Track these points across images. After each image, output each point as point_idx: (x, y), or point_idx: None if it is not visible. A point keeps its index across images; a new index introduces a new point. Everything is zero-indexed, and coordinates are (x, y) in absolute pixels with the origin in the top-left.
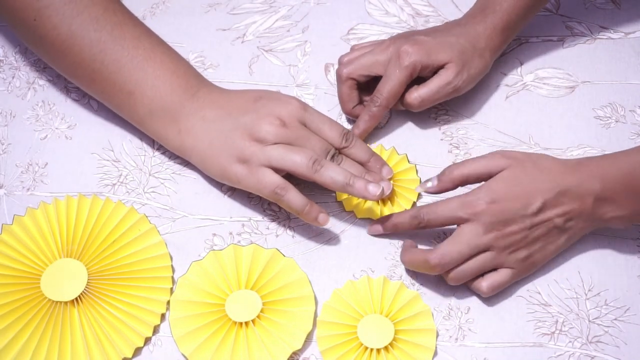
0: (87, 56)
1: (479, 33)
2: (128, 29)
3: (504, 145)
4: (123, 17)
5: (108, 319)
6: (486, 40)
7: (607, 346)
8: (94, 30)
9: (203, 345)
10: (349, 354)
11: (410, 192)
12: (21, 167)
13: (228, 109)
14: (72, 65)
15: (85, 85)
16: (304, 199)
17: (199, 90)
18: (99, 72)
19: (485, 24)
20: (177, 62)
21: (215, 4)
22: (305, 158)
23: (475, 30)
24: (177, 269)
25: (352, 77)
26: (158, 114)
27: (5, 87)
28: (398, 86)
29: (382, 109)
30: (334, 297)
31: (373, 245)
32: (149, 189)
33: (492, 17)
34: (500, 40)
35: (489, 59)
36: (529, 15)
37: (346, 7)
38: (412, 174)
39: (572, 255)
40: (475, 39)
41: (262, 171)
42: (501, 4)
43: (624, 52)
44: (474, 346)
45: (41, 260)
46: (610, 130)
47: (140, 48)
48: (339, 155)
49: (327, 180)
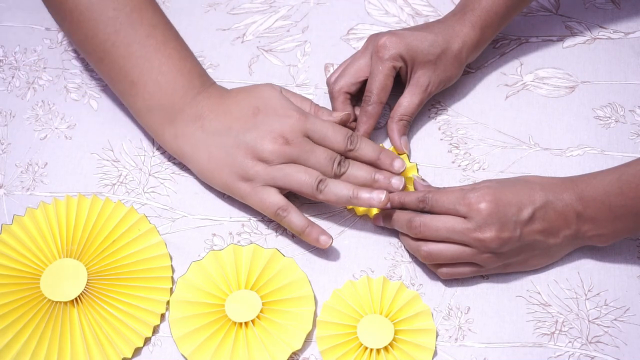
0: (100, 32)
1: (456, 31)
2: (146, 15)
3: (504, 145)
4: (144, 2)
5: (108, 319)
6: (463, 38)
7: (606, 346)
8: (112, 9)
9: (203, 345)
10: (348, 354)
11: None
12: (21, 167)
13: (227, 122)
14: (85, 39)
15: (93, 62)
16: (304, 221)
17: (199, 93)
18: (109, 53)
19: (463, 22)
20: (185, 59)
21: (215, 4)
22: (310, 178)
23: (453, 29)
24: (177, 269)
25: (344, 91)
26: (156, 111)
27: (5, 87)
28: (384, 79)
29: (377, 106)
30: (333, 297)
31: (373, 245)
32: (149, 189)
33: (470, 14)
34: (478, 38)
35: (464, 58)
36: (510, 14)
37: (346, 7)
38: (413, 172)
39: (572, 256)
40: (453, 37)
41: (266, 191)
42: (480, 2)
43: (624, 52)
44: (474, 346)
45: (41, 260)
46: (610, 130)
47: (153, 37)
48: (345, 161)
49: (332, 198)
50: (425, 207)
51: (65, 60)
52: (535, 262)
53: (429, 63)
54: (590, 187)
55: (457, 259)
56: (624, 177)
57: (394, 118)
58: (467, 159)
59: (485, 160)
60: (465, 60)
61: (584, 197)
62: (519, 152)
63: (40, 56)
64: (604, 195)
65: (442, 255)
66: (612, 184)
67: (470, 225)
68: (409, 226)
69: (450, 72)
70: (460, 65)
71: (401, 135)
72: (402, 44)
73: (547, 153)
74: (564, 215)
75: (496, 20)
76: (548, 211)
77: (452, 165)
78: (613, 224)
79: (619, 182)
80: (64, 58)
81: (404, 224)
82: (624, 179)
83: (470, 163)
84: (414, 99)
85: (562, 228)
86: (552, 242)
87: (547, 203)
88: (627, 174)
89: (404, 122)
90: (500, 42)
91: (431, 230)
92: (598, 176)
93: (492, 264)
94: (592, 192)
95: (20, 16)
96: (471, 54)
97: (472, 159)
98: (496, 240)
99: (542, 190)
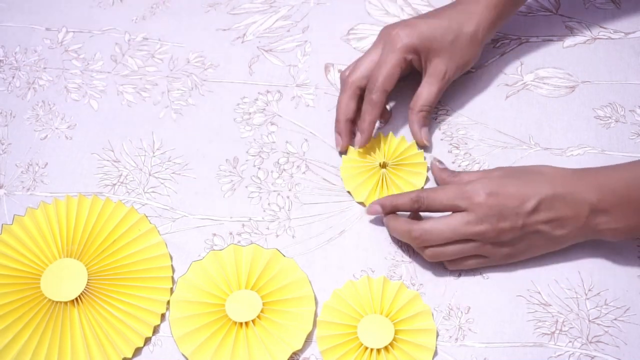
0: None
1: (470, 12)
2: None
3: (504, 145)
4: None
5: (108, 319)
6: (478, 18)
7: (607, 346)
8: None
9: (203, 345)
10: (349, 354)
11: (417, 177)
12: (21, 167)
13: None
14: None
15: None
16: None
17: None
18: None
19: (478, 2)
20: None
21: (215, 4)
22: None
23: (467, 10)
24: (177, 269)
25: (356, 85)
26: None
27: (5, 87)
28: (391, 68)
29: (381, 94)
30: (334, 297)
31: (373, 245)
32: (149, 189)
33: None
34: (494, 16)
35: (481, 39)
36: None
37: (346, 7)
38: (419, 157)
39: (572, 255)
40: (467, 19)
41: None
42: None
43: (624, 52)
44: (474, 346)
45: (41, 260)
46: (610, 130)
47: None
48: None
49: None
50: (421, 207)
51: (66, 60)
52: (540, 250)
53: (443, 50)
54: (610, 179)
55: (462, 254)
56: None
57: (415, 109)
58: (467, 159)
59: (485, 161)
60: (482, 40)
61: (602, 189)
62: (519, 152)
63: (41, 56)
64: (624, 188)
65: (447, 253)
66: (634, 178)
67: (471, 219)
68: (409, 237)
69: (468, 55)
70: (478, 46)
71: (422, 126)
72: (415, 34)
73: (548, 153)
74: (574, 207)
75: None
76: (555, 203)
77: (452, 166)
78: (630, 218)
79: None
80: (64, 58)
81: (404, 235)
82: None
83: (470, 163)
84: (432, 88)
85: (571, 220)
86: (559, 233)
87: (554, 194)
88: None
89: (423, 114)
90: (500, 41)
91: (434, 235)
92: (618, 169)
93: (496, 255)
94: (611, 184)
95: (20, 16)
96: (488, 33)
97: (473, 159)
98: (495, 230)
99: (550, 182)
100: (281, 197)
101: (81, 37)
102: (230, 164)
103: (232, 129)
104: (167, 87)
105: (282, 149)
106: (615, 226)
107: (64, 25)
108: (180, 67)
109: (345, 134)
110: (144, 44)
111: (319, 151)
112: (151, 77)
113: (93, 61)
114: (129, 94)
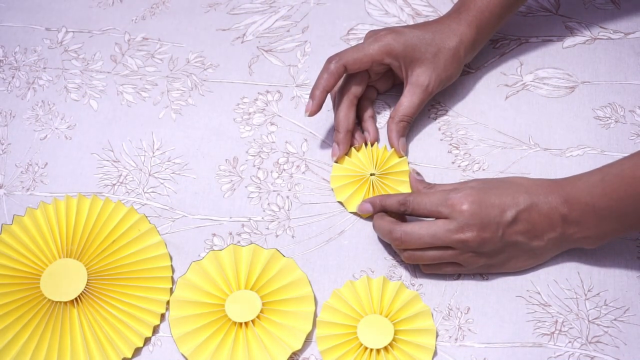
0: None
1: (452, 29)
2: None
3: (504, 145)
4: None
5: (108, 319)
6: (460, 36)
7: (606, 346)
8: None
9: (203, 345)
10: (348, 354)
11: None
12: (21, 167)
13: None
14: None
15: None
16: None
17: None
18: None
19: (459, 21)
20: None
21: (215, 4)
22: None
23: (449, 27)
24: (176, 269)
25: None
26: None
27: (5, 87)
28: (364, 56)
29: (340, 67)
30: (333, 297)
31: (373, 245)
32: (149, 189)
33: (465, 14)
34: (474, 36)
35: (463, 56)
36: (505, 13)
37: (346, 7)
38: (403, 167)
39: (572, 256)
40: (449, 35)
41: None
42: (475, 2)
43: (624, 52)
44: (473, 346)
45: (41, 260)
46: (610, 131)
47: None
48: None
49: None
50: (407, 210)
51: (65, 60)
52: (518, 264)
53: (426, 61)
54: (575, 189)
55: (439, 260)
56: (607, 178)
57: (395, 119)
58: (467, 159)
59: (485, 161)
60: (463, 58)
61: (569, 200)
62: (518, 152)
63: (40, 56)
64: (588, 197)
65: (425, 257)
66: (595, 186)
67: (452, 226)
68: (389, 238)
69: (450, 70)
70: (459, 63)
71: (400, 136)
72: (401, 40)
73: (547, 153)
74: (549, 218)
75: (492, 19)
76: (532, 213)
77: (452, 166)
78: (598, 226)
79: (603, 184)
80: (64, 58)
81: (386, 234)
82: (607, 179)
83: (470, 163)
84: (414, 99)
85: (547, 230)
86: (536, 245)
87: (531, 205)
88: (610, 174)
89: (403, 124)
90: (500, 42)
91: (414, 238)
92: (583, 178)
93: (473, 264)
94: (576, 194)
95: (20, 16)
96: (469, 52)
97: (472, 159)
98: (477, 239)
99: (527, 193)
100: (281, 197)
101: (81, 37)
102: (230, 164)
103: (232, 129)
104: (166, 87)
105: (282, 149)
106: (588, 234)
107: (63, 25)
108: (180, 67)
109: (343, 145)
110: (143, 44)
111: (319, 151)
112: (151, 77)
113: (93, 61)
114: (128, 94)
